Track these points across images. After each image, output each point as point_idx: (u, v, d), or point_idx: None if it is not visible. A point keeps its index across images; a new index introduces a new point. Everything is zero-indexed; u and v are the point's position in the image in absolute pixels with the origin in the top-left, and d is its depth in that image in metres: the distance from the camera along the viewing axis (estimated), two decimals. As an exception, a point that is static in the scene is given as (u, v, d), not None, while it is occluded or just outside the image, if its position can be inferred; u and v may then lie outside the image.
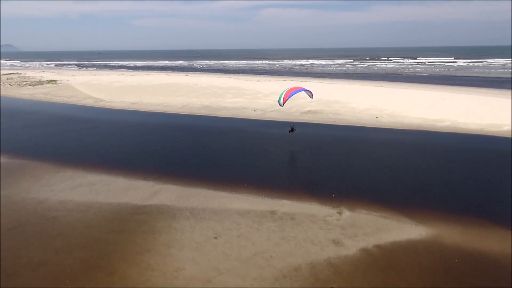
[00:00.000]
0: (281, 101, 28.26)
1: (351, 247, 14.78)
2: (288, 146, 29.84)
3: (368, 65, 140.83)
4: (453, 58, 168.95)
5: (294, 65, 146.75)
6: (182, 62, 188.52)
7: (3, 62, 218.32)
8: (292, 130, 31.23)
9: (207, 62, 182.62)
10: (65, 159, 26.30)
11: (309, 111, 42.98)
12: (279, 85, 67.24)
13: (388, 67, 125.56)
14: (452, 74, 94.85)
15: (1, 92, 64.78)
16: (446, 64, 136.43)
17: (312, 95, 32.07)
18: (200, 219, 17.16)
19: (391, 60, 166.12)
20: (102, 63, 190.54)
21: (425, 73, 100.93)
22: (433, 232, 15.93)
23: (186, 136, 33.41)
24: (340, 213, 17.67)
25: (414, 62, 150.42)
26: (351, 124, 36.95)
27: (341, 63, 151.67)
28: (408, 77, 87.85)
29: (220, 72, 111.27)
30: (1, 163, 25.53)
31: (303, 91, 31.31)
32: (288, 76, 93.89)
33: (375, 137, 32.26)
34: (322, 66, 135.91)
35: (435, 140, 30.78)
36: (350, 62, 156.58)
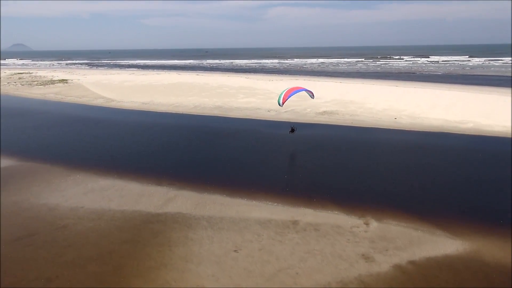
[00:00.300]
0: (281, 101, 27.19)
1: (383, 263, 13.63)
2: (306, 149, 28.69)
3: (380, 64, 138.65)
4: (467, 56, 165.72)
5: (305, 64, 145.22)
6: (192, 61, 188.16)
7: (14, 61, 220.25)
8: (292, 130, 30.14)
9: (216, 61, 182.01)
10: (76, 162, 25.52)
11: (325, 112, 41.75)
12: (290, 85, 66.02)
13: (401, 66, 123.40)
14: (468, 73, 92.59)
15: (13, 92, 64.67)
16: (460, 62, 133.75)
17: (313, 95, 31.09)
18: (219, 229, 16.15)
19: (403, 59, 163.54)
20: (112, 62, 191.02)
21: (439, 72, 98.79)
22: (472, 246, 14.69)
23: (199, 138, 32.47)
24: (367, 224, 16.52)
25: (427, 61, 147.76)
26: (369, 126, 35.64)
27: (353, 62, 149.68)
28: (423, 76, 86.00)
29: (230, 71, 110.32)
30: (7, 167, 24.83)
31: (304, 91, 30.26)
32: (299, 75, 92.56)
33: (396, 139, 30.95)
34: (334, 65, 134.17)
35: (460, 143, 29.36)
36: (362, 61, 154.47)
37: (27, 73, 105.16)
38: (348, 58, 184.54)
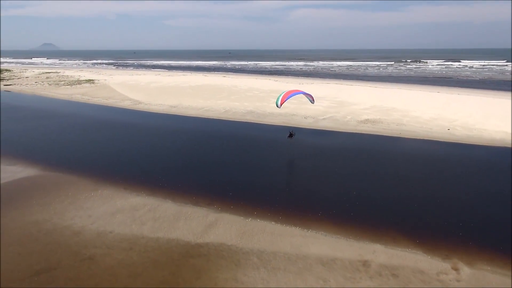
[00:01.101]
0: (279, 103, 26.00)
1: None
2: (358, 165, 25.52)
3: (412, 67, 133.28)
4: (504, 61, 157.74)
5: (332, 67, 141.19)
6: (216, 62, 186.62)
7: (43, 60, 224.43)
8: (290, 135, 28.44)
9: (241, 62, 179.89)
10: (103, 173, 23.20)
11: (367, 120, 38.40)
12: (323, 89, 62.83)
13: (434, 70, 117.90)
14: (509, 79, 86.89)
15: (40, 92, 63.85)
16: (497, 67, 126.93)
17: (313, 100, 29.34)
18: (273, 270, 13.29)
19: (434, 63, 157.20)
20: (137, 62, 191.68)
21: (476, 77, 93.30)
22: None
23: (235, 148, 29.81)
24: (456, 270, 13.33)
25: (461, 65, 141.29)
26: (420, 137, 32.15)
27: (383, 65, 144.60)
28: (461, 82, 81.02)
29: (256, 73, 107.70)
30: (30, 177, 22.72)
31: (302, 94, 28.55)
32: (329, 78, 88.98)
33: (458, 154, 27.45)
34: (363, 68, 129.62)
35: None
36: (392, 64, 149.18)
37: (55, 72, 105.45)
38: (376, 61, 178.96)
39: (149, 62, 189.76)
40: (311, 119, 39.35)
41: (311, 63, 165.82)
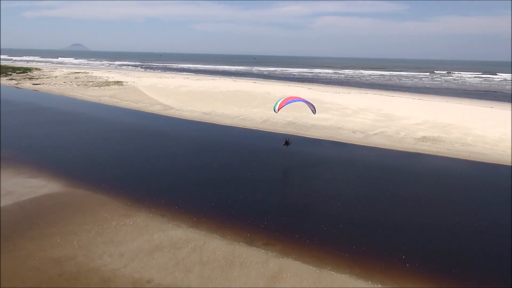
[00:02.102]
0: (277, 108, 24.93)
1: None
2: (435, 196, 21.41)
3: (449, 79, 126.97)
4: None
5: (363, 75, 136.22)
6: (242, 67, 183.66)
7: (71, 60, 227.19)
8: (286, 143, 27.20)
9: (267, 68, 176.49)
10: (136, 194, 19.89)
11: (425, 138, 34.08)
12: (364, 100, 58.60)
13: (474, 83, 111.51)
14: None
15: (68, 92, 62.02)
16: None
17: (315, 110, 27.56)
18: None
19: (465, 75, 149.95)
20: (162, 65, 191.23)
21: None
22: None
23: (289, 167, 26.26)
24: None
25: (500, 78, 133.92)
26: (494, 162, 27.73)
27: (417, 76, 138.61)
28: (509, 96, 75.09)
29: (286, 80, 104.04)
30: (53, 194, 19.63)
31: (303, 102, 27.26)
32: (366, 88, 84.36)
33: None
34: (397, 78, 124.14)
35: None
36: (426, 75, 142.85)
37: (83, 72, 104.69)
38: (406, 71, 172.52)
39: (175, 65, 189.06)
40: (361, 134, 35.32)
41: (341, 71, 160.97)
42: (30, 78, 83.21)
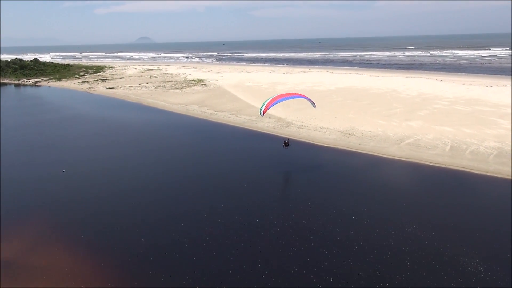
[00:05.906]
0: (262, 110, 22.63)
1: None
2: None
3: None
4: None
5: (460, 57, 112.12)
6: (317, 53, 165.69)
7: (140, 55, 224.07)
8: (286, 144, 25.11)
9: (346, 53, 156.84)
10: None
11: None
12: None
13: None
14: None
15: (147, 99, 51.50)
16: None
17: (314, 104, 24.47)
18: None
19: None
20: (229, 54, 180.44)
21: None
22: None
23: None
24: None
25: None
26: None
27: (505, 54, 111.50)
28: None
29: (388, 68, 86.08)
30: None
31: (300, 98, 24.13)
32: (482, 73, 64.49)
33: None
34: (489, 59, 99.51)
35: None
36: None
37: (157, 69, 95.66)
38: (485, 49, 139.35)
39: (245, 54, 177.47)
40: None
41: (425, 53, 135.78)
42: (103, 80, 75.09)
